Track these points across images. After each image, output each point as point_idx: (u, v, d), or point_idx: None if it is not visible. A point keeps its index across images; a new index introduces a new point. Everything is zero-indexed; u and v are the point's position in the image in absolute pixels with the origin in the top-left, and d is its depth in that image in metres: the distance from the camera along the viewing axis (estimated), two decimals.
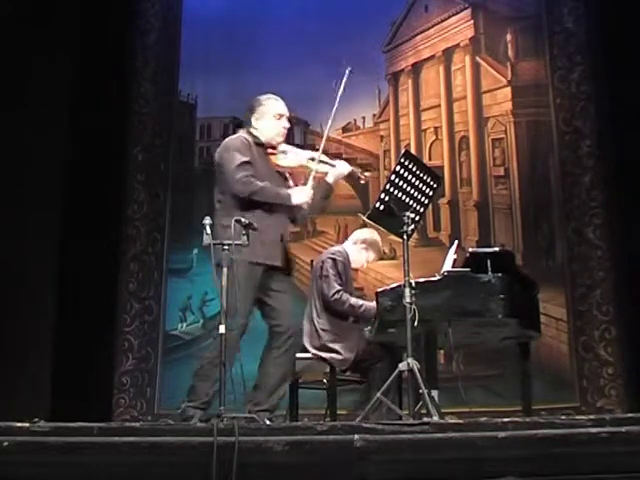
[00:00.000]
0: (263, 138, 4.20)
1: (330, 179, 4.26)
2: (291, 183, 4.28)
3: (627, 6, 6.36)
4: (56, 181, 6.42)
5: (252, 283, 3.99)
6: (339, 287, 4.79)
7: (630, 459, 2.89)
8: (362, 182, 4.59)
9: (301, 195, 4.09)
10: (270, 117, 4.21)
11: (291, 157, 4.22)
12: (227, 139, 4.25)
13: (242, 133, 4.23)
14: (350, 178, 4.50)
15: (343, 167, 4.29)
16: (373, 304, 4.80)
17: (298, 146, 4.62)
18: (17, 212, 5.98)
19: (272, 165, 4.20)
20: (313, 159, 4.21)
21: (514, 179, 7.04)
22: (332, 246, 5.51)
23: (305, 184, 4.18)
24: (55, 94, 6.42)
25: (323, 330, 4.74)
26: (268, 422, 3.84)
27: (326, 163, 4.27)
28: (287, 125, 4.26)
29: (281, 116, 4.23)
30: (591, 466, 2.90)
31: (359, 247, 5.02)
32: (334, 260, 4.86)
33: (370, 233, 5.07)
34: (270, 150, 4.21)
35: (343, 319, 4.83)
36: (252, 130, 4.22)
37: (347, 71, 4.26)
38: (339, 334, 4.76)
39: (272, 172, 4.19)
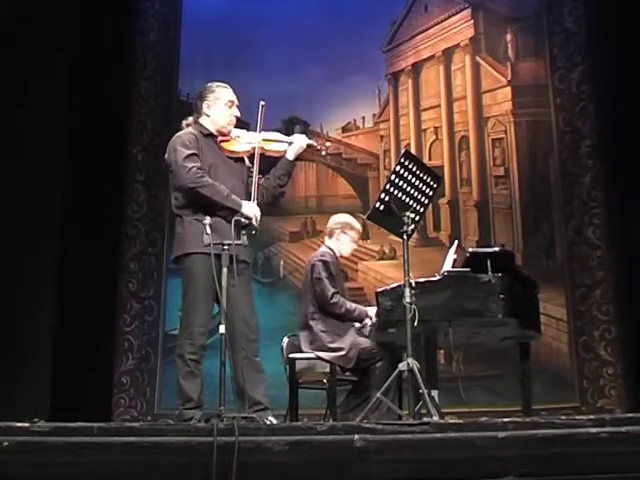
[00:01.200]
0: (213, 127, 4.12)
1: (290, 155, 4.15)
2: (248, 163, 4.16)
3: (627, 6, 6.36)
4: (56, 181, 6.42)
5: (209, 277, 3.77)
6: (335, 290, 4.79)
7: (630, 459, 2.89)
8: (323, 153, 4.46)
9: (251, 209, 3.93)
10: (222, 104, 4.13)
11: (245, 141, 4.14)
12: (173, 137, 4.13)
13: (188, 128, 4.14)
14: (311, 152, 4.39)
15: (300, 140, 4.19)
16: (365, 309, 4.84)
17: None
18: (17, 212, 5.98)
19: (226, 152, 4.12)
20: (267, 139, 4.14)
21: (514, 179, 7.04)
22: None
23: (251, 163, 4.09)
24: (55, 94, 6.42)
25: (323, 332, 4.75)
26: (272, 420, 3.84)
27: (281, 141, 4.19)
28: (237, 113, 4.16)
29: (232, 103, 4.15)
30: (591, 466, 2.90)
31: (337, 236, 5.01)
32: (324, 262, 4.85)
33: (339, 217, 5.10)
34: (222, 138, 4.14)
35: (339, 319, 4.83)
36: (201, 120, 4.14)
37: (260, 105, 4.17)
38: (339, 334, 4.77)
39: (226, 160, 4.10)
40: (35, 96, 6.20)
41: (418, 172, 4.13)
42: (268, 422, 3.69)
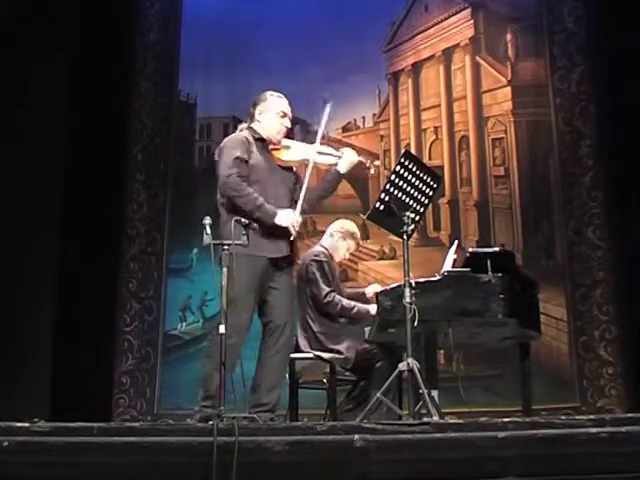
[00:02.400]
0: (264, 134, 4.18)
1: (342, 169, 4.20)
2: (295, 170, 4.22)
3: (627, 6, 6.36)
4: (56, 181, 6.42)
5: (253, 278, 3.95)
6: (329, 289, 4.78)
7: (630, 459, 2.89)
8: (372, 171, 4.45)
9: (286, 218, 3.97)
10: (273, 113, 4.18)
11: (295, 151, 4.19)
12: (226, 138, 4.23)
13: (241, 131, 4.21)
14: (359, 167, 4.39)
15: (352, 155, 4.22)
16: (364, 306, 4.83)
17: None
18: (17, 212, 5.98)
19: (275, 160, 4.17)
20: (320, 152, 4.18)
21: (514, 179, 7.04)
22: None
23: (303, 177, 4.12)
24: (55, 94, 6.42)
25: (321, 333, 4.73)
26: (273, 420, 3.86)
27: (332, 155, 4.23)
28: (288, 125, 4.22)
29: (285, 114, 4.20)
30: (591, 466, 2.90)
31: (337, 239, 5.01)
32: (318, 262, 4.84)
33: (343, 222, 5.10)
34: (272, 146, 4.19)
35: (333, 320, 4.82)
36: (253, 125, 4.21)
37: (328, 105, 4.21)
38: (338, 335, 4.76)
39: (274, 167, 4.15)
40: (35, 96, 6.20)
41: (418, 172, 4.13)
42: (270, 422, 3.70)
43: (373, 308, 4.70)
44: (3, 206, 5.90)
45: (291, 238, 4.01)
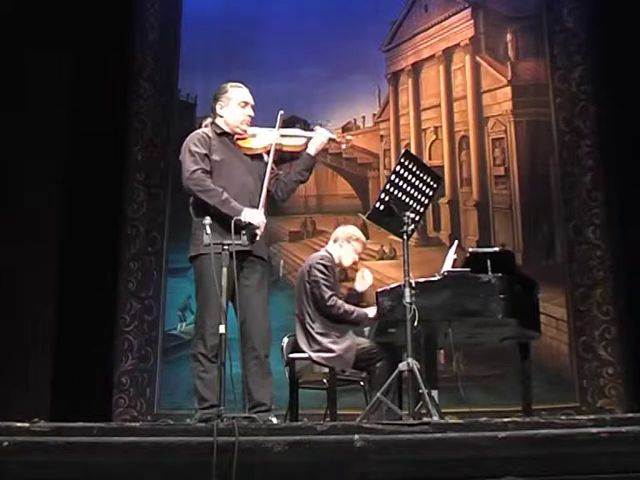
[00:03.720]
0: (227, 127, 4.12)
1: (311, 150, 4.12)
2: (266, 158, 4.11)
3: (627, 6, 6.36)
4: (56, 181, 6.42)
5: (220, 275, 3.73)
6: (331, 292, 4.78)
7: (630, 459, 2.89)
8: (344, 147, 4.37)
9: (254, 215, 3.88)
10: (234, 104, 4.12)
11: (261, 138, 4.12)
12: (188, 137, 4.13)
13: (203, 128, 4.15)
14: (332, 146, 4.36)
15: (322, 135, 4.14)
16: (363, 310, 4.83)
17: None
18: (17, 212, 5.98)
19: (243, 149, 4.11)
20: (284, 135, 4.12)
21: (514, 179, 7.04)
22: None
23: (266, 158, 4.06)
24: (55, 94, 6.42)
25: (320, 334, 4.72)
26: (274, 420, 3.84)
27: (300, 136, 4.17)
28: (251, 113, 4.14)
29: (246, 104, 4.13)
30: (591, 466, 2.90)
31: (342, 244, 5.01)
32: (323, 265, 4.83)
33: (348, 228, 5.10)
34: (238, 136, 4.13)
35: (337, 322, 4.82)
36: (216, 120, 4.15)
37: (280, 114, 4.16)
38: (338, 336, 4.75)
39: (241, 157, 4.08)
40: (35, 96, 6.20)
41: (418, 172, 4.12)
42: (269, 422, 3.69)
43: (371, 311, 4.70)
44: (3, 206, 5.90)
45: (257, 237, 3.89)
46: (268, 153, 4.10)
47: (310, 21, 7.33)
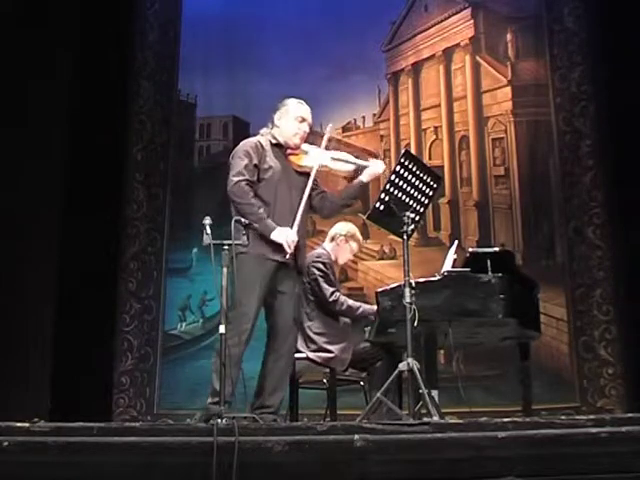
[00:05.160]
0: (281, 138, 4.19)
1: (365, 178, 4.21)
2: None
3: (627, 6, 6.36)
4: (56, 180, 6.42)
5: (261, 280, 3.95)
6: (333, 289, 4.77)
7: (630, 459, 2.89)
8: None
9: (282, 235, 3.94)
10: (291, 118, 4.19)
11: (313, 157, 4.17)
12: (242, 142, 4.22)
13: (258, 135, 4.23)
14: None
15: (377, 167, 4.23)
16: (369, 306, 4.81)
17: None
18: (17, 212, 5.98)
19: (293, 165, 4.17)
20: (334, 159, 4.19)
21: (514, 179, 7.04)
22: None
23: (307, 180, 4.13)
24: (55, 93, 6.42)
25: (317, 334, 4.71)
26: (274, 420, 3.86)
27: (350, 162, 4.24)
28: (306, 129, 4.21)
29: (303, 119, 4.20)
30: (591, 466, 2.90)
31: (339, 242, 5.00)
32: (322, 263, 4.83)
33: (346, 226, 5.09)
34: (290, 151, 4.20)
35: (336, 320, 4.82)
36: (272, 131, 4.23)
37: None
38: (336, 335, 4.75)
39: (289, 171, 4.15)
40: (35, 95, 6.20)
41: (418, 172, 4.12)
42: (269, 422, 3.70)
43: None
44: (3, 206, 5.90)
45: (287, 256, 3.96)
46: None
47: (310, 21, 7.33)
